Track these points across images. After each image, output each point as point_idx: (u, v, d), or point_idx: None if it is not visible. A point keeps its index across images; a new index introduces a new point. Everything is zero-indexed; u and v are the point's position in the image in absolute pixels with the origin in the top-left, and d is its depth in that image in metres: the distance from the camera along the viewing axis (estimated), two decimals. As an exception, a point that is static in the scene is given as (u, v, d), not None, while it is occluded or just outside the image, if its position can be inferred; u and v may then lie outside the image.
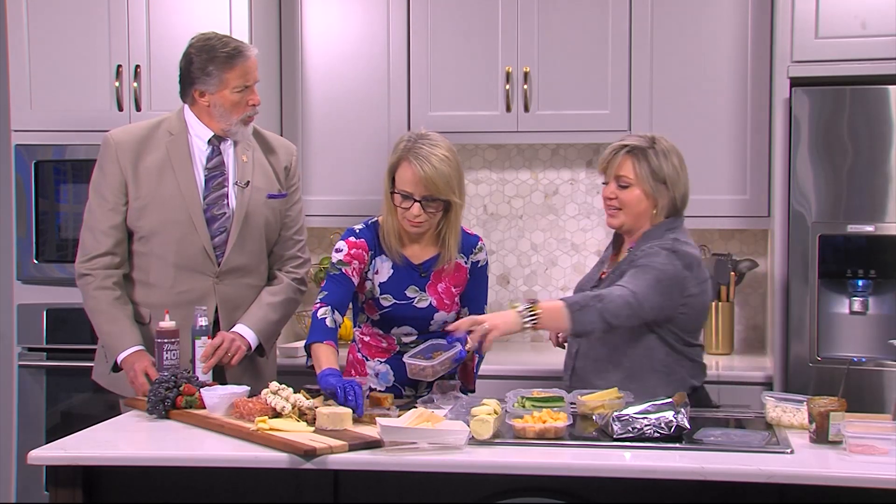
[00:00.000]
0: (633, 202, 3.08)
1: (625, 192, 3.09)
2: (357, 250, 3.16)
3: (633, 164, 3.08)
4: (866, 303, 3.61)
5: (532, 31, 4.11)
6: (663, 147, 3.09)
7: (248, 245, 3.37)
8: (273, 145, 3.48)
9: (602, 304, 2.91)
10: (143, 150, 3.33)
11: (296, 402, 2.79)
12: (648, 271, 2.97)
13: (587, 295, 2.96)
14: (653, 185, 3.07)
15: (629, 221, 3.11)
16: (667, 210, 3.10)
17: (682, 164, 3.12)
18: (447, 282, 3.21)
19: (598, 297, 2.92)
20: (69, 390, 4.12)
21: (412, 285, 3.18)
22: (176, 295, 3.31)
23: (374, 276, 3.18)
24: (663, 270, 2.97)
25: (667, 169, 3.07)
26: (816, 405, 2.64)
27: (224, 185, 3.35)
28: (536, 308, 2.90)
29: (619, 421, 2.64)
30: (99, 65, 4.06)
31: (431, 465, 2.52)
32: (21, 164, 4.09)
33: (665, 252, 2.99)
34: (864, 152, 3.57)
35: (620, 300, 2.91)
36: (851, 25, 3.61)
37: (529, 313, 2.90)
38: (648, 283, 2.95)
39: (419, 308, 3.17)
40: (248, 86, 3.29)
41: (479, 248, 3.29)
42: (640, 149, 3.08)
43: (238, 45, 3.29)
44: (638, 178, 3.07)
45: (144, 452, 2.68)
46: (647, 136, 3.13)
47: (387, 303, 3.16)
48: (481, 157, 4.51)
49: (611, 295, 2.93)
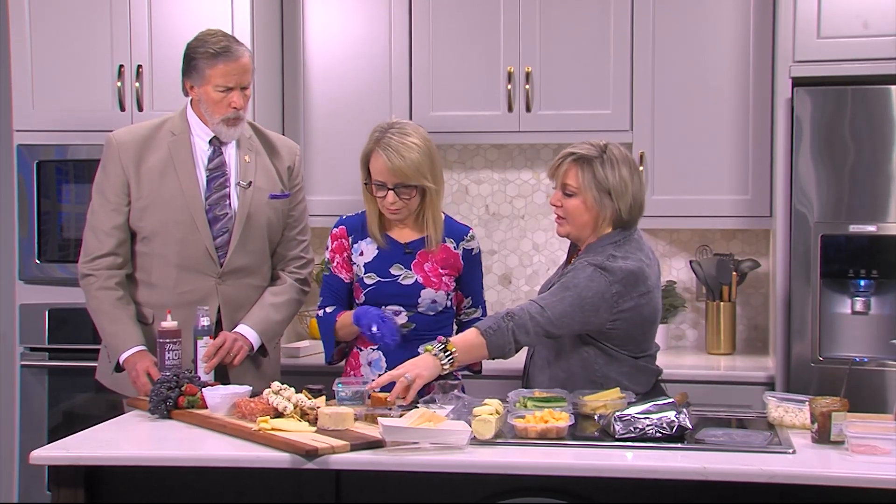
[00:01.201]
0: (576, 212, 3.04)
1: (569, 200, 3.05)
2: (336, 241, 3.27)
3: (578, 172, 3.03)
4: (868, 303, 3.61)
5: (534, 31, 4.12)
6: (612, 156, 3.03)
7: (251, 245, 3.37)
8: (276, 145, 3.48)
9: (513, 321, 2.92)
10: (146, 150, 3.33)
11: (298, 402, 2.79)
12: (569, 288, 2.95)
13: (499, 315, 2.96)
14: (596, 196, 3.01)
15: (574, 231, 3.08)
16: (613, 222, 3.05)
17: (635, 173, 3.05)
18: (434, 262, 3.23)
19: (510, 316, 2.94)
20: (71, 390, 4.13)
21: (397, 263, 3.22)
22: (178, 295, 3.31)
23: (359, 259, 3.23)
24: (586, 287, 2.94)
25: (612, 179, 3.00)
26: (818, 405, 2.64)
27: (226, 186, 3.35)
28: (451, 346, 2.91)
29: (620, 421, 2.64)
30: (101, 65, 4.07)
31: (433, 465, 2.52)
32: (23, 163, 4.09)
33: (592, 268, 2.96)
34: (865, 152, 3.57)
35: (528, 317, 2.92)
36: (853, 25, 3.61)
37: (445, 355, 2.91)
38: (564, 301, 2.94)
39: (405, 285, 3.20)
40: (230, 87, 3.28)
41: (471, 236, 3.33)
42: (586, 158, 3.03)
43: (228, 45, 3.28)
44: (581, 187, 3.02)
45: (146, 452, 2.68)
46: (598, 144, 3.06)
47: (371, 281, 3.20)
48: (483, 157, 4.51)
49: (521, 312, 2.94)
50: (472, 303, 3.35)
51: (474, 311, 3.36)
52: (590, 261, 2.98)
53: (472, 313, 3.35)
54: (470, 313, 3.35)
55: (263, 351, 3.38)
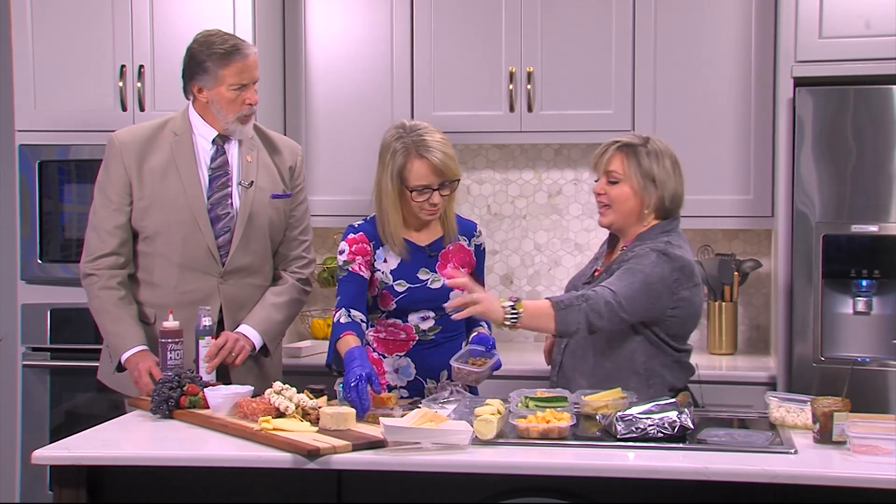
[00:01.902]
0: (622, 198, 3.07)
1: (613, 187, 3.08)
2: (358, 245, 3.20)
3: (623, 159, 3.07)
4: (870, 303, 3.61)
5: (535, 31, 4.11)
6: (656, 147, 3.08)
7: (253, 245, 3.37)
8: (278, 145, 3.48)
9: (587, 303, 2.90)
10: (148, 150, 3.33)
11: (299, 402, 2.79)
12: (636, 273, 2.96)
13: (573, 294, 2.96)
14: (641, 183, 3.05)
15: (619, 220, 3.10)
16: (656, 210, 3.08)
17: (676, 167, 3.10)
18: (455, 262, 3.24)
19: (584, 297, 2.92)
20: (73, 390, 4.13)
21: (423, 267, 3.20)
22: (180, 295, 3.31)
23: (384, 266, 3.20)
24: (651, 273, 2.96)
25: (656, 169, 3.05)
26: (820, 405, 2.64)
27: (228, 185, 3.35)
28: (520, 306, 2.89)
29: (622, 421, 2.64)
30: (103, 65, 4.07)
31: (435, 465, 2.53)
32: (25, 163, 4.09)
33: (655, 254, 2.98)
34: (867, 152, 3.56)
35: (602, 301, 2.91)
36: (855, 25, 3.61)
37: (512, 312, 2.88)
38: (633, 286, 2.94)
39: (434, 289, 3.19)
40: (244, 84, 3.29)
41: (479, 231, 3.36)
42: (630, 145, 3.08)
43: (237, 43, 3.29)
44: (626, 173, 3.06)
45: (148, 452, 2.68)
46: (642, 136, 3.13)
47: (401, 288, 3.18)
48: (485, 158, 4.51)
49: (595, 296, 2.92)
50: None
51: None
52: (652, 247, 3.00)
53: None
54: None
55: (265, 351, 3.38)
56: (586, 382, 3.01)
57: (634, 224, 3.09)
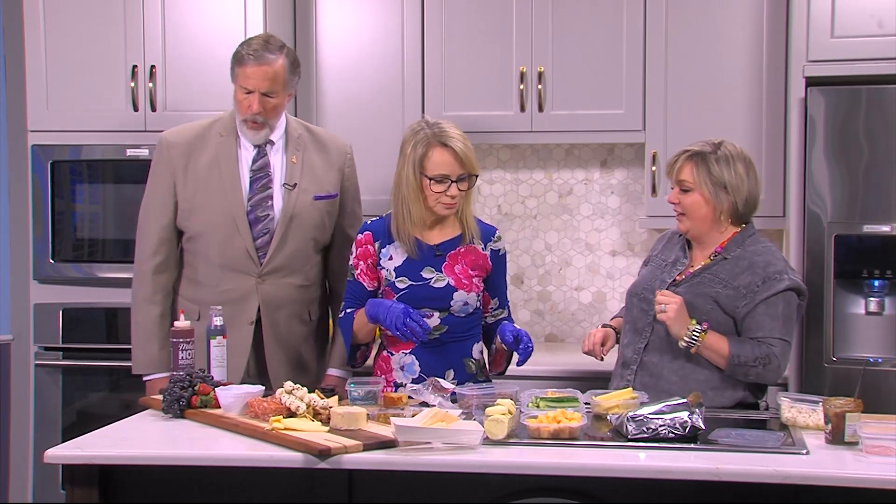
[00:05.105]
0: (694, 206, 3.12)
1: (686, 196, 3.14)
2: (361, 248, 3.23)
3: (693, 168, 3.12)
4: (882, 303, 3.59)
5: (546, 31, 4.11)
6: (727, 152, 3.12)
7: (293, 246, 3.40)
8: (327, 145, 3.52)
9: (764, 368, 3.01)
10: (194, 151, 3.39)
11: (310, 402, 2.79)
12: (791, 323, 3.08)
13: (754, 352, 3.01)
14: (712, 190, 3.10)
15: (695, 227, 3.15)
16: (731, 216, 3.13)
17: (750, 169, 3.13)
18: (464, 264, 3.22)
19: (764, 361, 3.01)
20: (85, 389, 4.14)
21: (428, 266, 3.20)
22: (221, 293, 3.36)
23: (388, 263, 3.21)
24: (793, 311, 3.09)
25: (727, 174, 3.09)
26: (832, 406, 2.63)
27: (269, 187, 3.39)
28: (703, 336, 2.99)
29: (633, 421, 2.64)
30: (115, 65, 4.08)
31: (446, 464, 2.53)
32: (38, 163, 4.11)
33: (790, 293, 3.06)
34: (879, 152, 3.55)
35: (776, 365, 3.01)
36: (867, 24, 3.60)
37: (693, 336, 2.99)
38: (791, 334, 3.08)
39: (437, 288, 3.18)
40: (248, 90, 3.31)
41: (498, 237, 3.34)
42: (700, 154, 3.12)
43: (259, 50, 3.32)
44: (697, 182, 3.11)
45: (160, 452, 2.69)
46: (713, 142, 3.16)
47: (402, 285, 3.18)
48: (495, 157, 4.51)
49: (772, 361, 3.00)
50: (498, 303, 3.34)
51: (501, 312, 3.34)
52: (788, 285, 3.05)
53: (499, 314, 3.34)
54: (497, 314, 3.34)
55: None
56: (676, 378, 3.07)
57: (711, 230, 3.14)
